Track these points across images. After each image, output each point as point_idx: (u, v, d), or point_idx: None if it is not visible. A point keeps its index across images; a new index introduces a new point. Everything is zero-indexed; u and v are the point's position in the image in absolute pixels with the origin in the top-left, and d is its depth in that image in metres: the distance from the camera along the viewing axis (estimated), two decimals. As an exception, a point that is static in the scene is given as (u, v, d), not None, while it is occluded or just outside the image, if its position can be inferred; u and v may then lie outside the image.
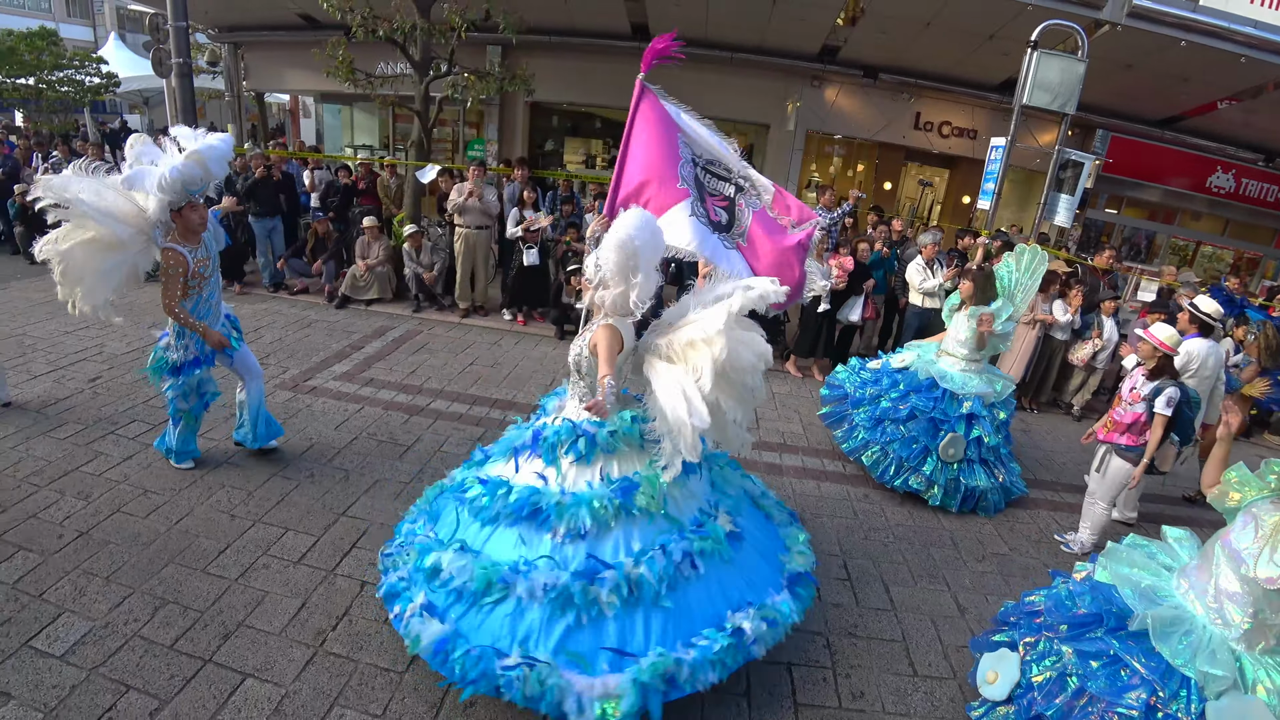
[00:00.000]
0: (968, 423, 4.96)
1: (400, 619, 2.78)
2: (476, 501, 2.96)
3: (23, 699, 2.67)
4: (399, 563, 3.04)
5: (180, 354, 4.12)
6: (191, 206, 3.87)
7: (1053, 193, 8.65)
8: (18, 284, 7.99)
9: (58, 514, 3.78)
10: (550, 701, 2.48)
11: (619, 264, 2.79)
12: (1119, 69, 10.18)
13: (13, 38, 17.40)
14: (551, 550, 2.74)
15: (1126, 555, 2.75)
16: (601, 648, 2.60)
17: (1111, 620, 2.53)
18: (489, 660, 2.54)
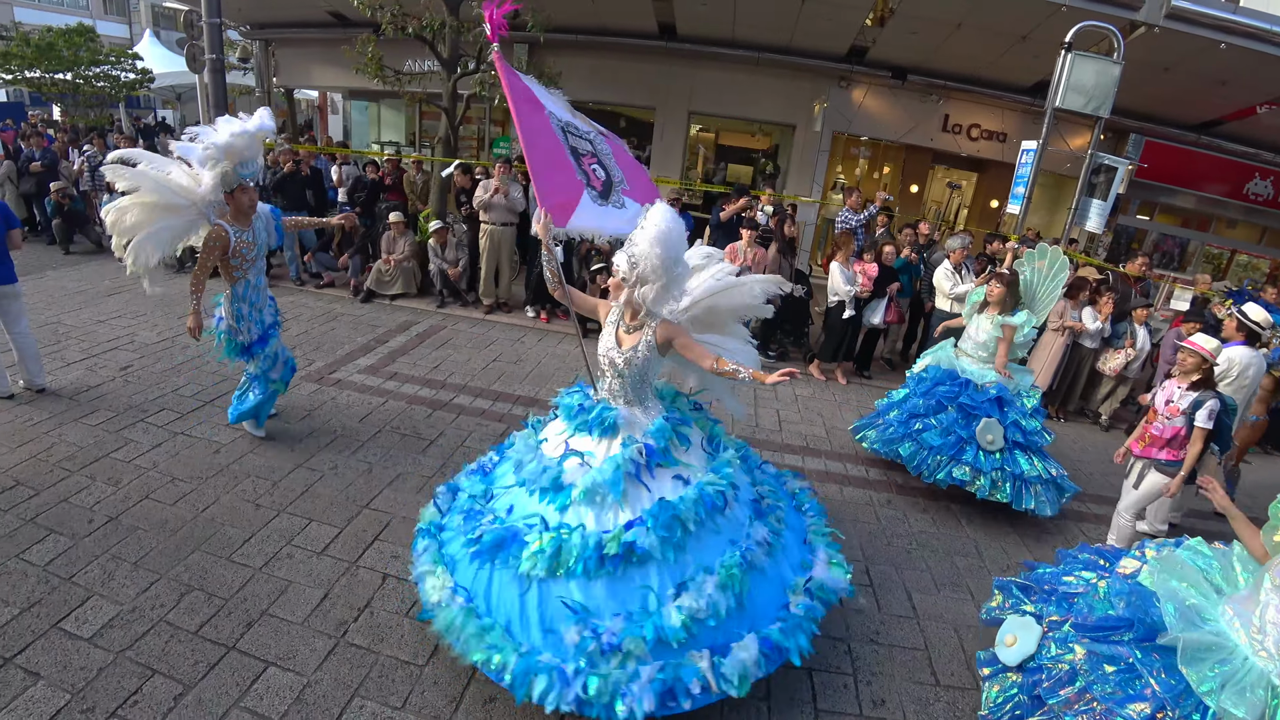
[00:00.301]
0: (999, 407, 4.86)
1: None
2: (667, 541, 2.78)
3: (51, 679, 2.72)
4: (624, 663, 2.60)
5: (245, 335, 4.40)
6: (243, 189, 4.18)
7: (1084, 198, 8.48)
8: (54, 274, 8.17)
9: (88, 499, 3.85)
10: (832, 592, 3.06)
11: (663, 259, 2.77)
12: (1155, 72, 9.96)
13: (52, 34, 17.80)
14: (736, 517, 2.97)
15: (1179, 567, 2.61)
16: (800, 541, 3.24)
17: (1141, 630, 2.45)
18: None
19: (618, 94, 13.26)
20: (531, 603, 2.69)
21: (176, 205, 4.12)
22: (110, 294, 7.49)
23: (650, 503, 2.80)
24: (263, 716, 2.67)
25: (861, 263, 7.16)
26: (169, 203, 4.10)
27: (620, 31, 12.12)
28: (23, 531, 3.53)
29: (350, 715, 2.71)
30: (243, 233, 4.23)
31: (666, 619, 2.61)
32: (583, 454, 2.96)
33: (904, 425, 5.10)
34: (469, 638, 2.69)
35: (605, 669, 2.54)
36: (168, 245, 4.19)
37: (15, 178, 9.68)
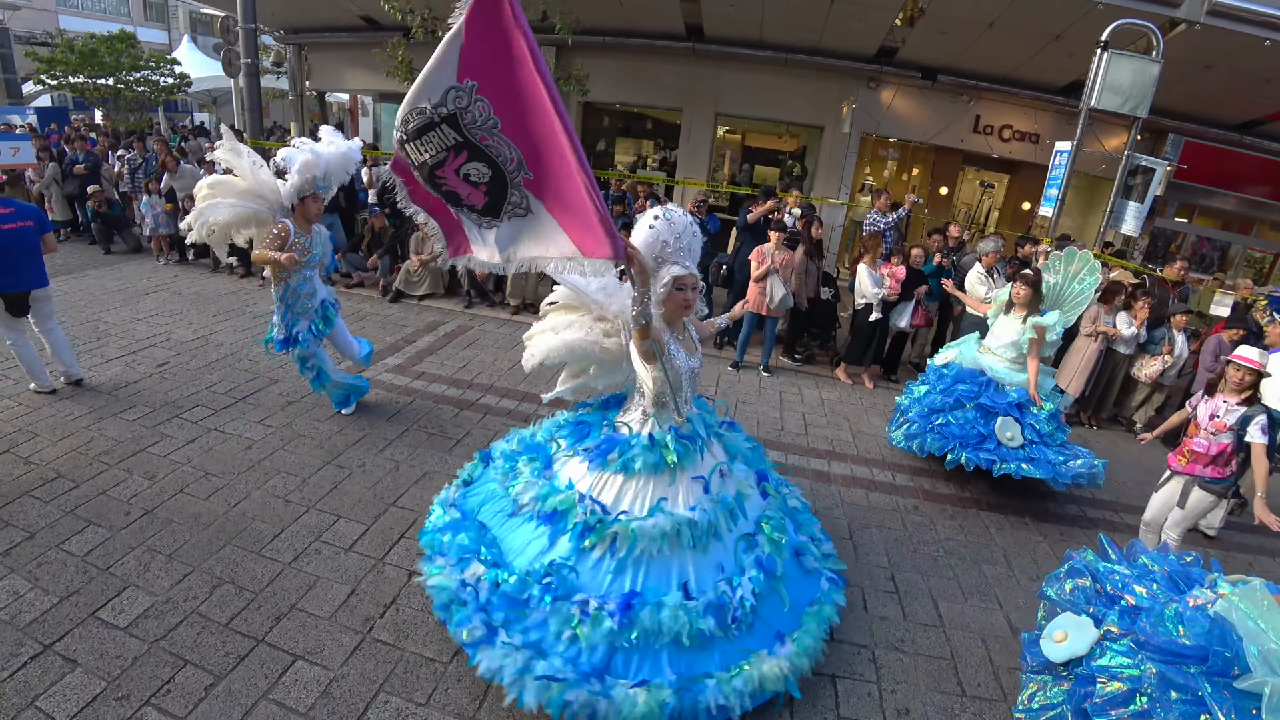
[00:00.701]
0: (1018, 411, 4.90)
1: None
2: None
3: (88, 667, 2.80)
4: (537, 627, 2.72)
5: (279, 331, 4.75)
6: (314, 198, 4.56)
7: (1120, 200, 8.29)
8: (94, 273, 8.41)
9: (125, 492, 3.95)
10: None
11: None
12: (1196, 70, 9.69)
13: (95, 41, 18.35)
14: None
15: (1265, 607, 2.35)
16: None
17: (1219, 663, 2.26)
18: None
19: (645, 95, 13.28)
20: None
21: (251, 191, 4.52)
22: (148, 293, 7.69)
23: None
24: (290, 709, 2.71)
25: (889, 265, 7.08)
26: (251, 189, 4.51)
27: (648, 33, 12.13)
28: (63, 523, 3.64)
29: (375, 710, 2.75)
30: (302, 237, 4.55)
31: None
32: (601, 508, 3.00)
33: (925, 420, 5.15)
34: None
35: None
36: (237, 221, 4.53)
37: (60, 180, 9.99)
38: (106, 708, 2.63)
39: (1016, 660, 3.44)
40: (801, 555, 3.28)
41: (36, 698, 2.64)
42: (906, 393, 5.62)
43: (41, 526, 3.60)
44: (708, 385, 6.60)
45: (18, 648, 2.85)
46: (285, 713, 2.70)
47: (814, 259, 7.51)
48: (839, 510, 4.67)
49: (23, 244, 4.77)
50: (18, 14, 21.44)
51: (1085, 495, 5.44)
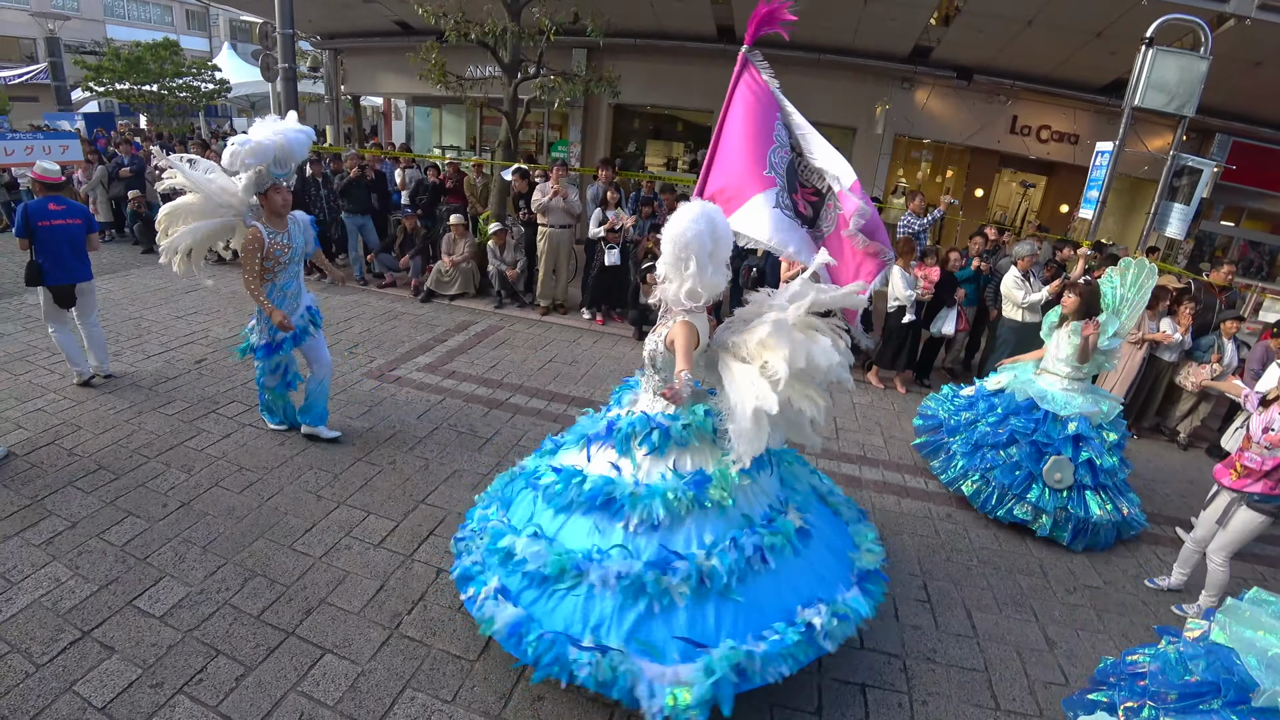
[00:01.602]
0: (1074, 445, 4.57)
1: (474, 601, 2.85)
2: (550, 489, 3.00)
3: (124, 654, 2.86)
4: (472, 547, 3.11)
5: (258, 337, 4.48)
6: (275, 189, 4.23)
7: (1165, 202, 8.04)
8: (137, 272, 8.65)
9: (163, 484, 4.04)
10: (622, 687, 2.52)
11: (672, 257, 2.76)
12: (1245, 67, 9.37)
13: (140, 48, 18.96)
14: (624, 540, 2.76)
15: (1251, 615, 2.33)
16: (674, 637, 2.61)
17: (1231, 692, 2.17)
18: (562, 645, 2.59)
19: (675, 97, 13.27)
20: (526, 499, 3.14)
21: (214, 204, 4.29)
22: (187, 291, 7.88)
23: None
24: (319, 702, 2.74)
25: (923, 266, 6.94)
26: (208, 204, 4.29)
27: (679, 35, 12.13)
28: (104, 513, 3.74)
29: (402, 705, 2.76)
30: (277, 234, 4.27)
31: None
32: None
33: (968, 457, 4.86)
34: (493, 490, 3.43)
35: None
36: (201, 242, 4.41)
37: (106, 183, 10.30)
38: (141, 694, 2.68)
39: (1053, 675, 3.34)
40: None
41: (74, 682, 2.70)
42: (938, 402, 5.46)
43: (83, 516, 3.69)
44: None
45: (58, 633, 2.92)
46: (314, 705, 2.72)
47: (845, 261, 7.40)
48: (871, 517, 4.56)
49: (71, 240, 5.05)
50: (67, 24, 22.22)
51: (1126, 505, 5.27)
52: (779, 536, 2.89)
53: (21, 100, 24.90)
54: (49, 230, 4.96)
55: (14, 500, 3.78)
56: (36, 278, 4.96)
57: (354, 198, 8.83)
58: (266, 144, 4.07)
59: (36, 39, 25.74)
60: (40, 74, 21.69)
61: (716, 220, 2.81)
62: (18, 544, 3.44)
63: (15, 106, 24.22)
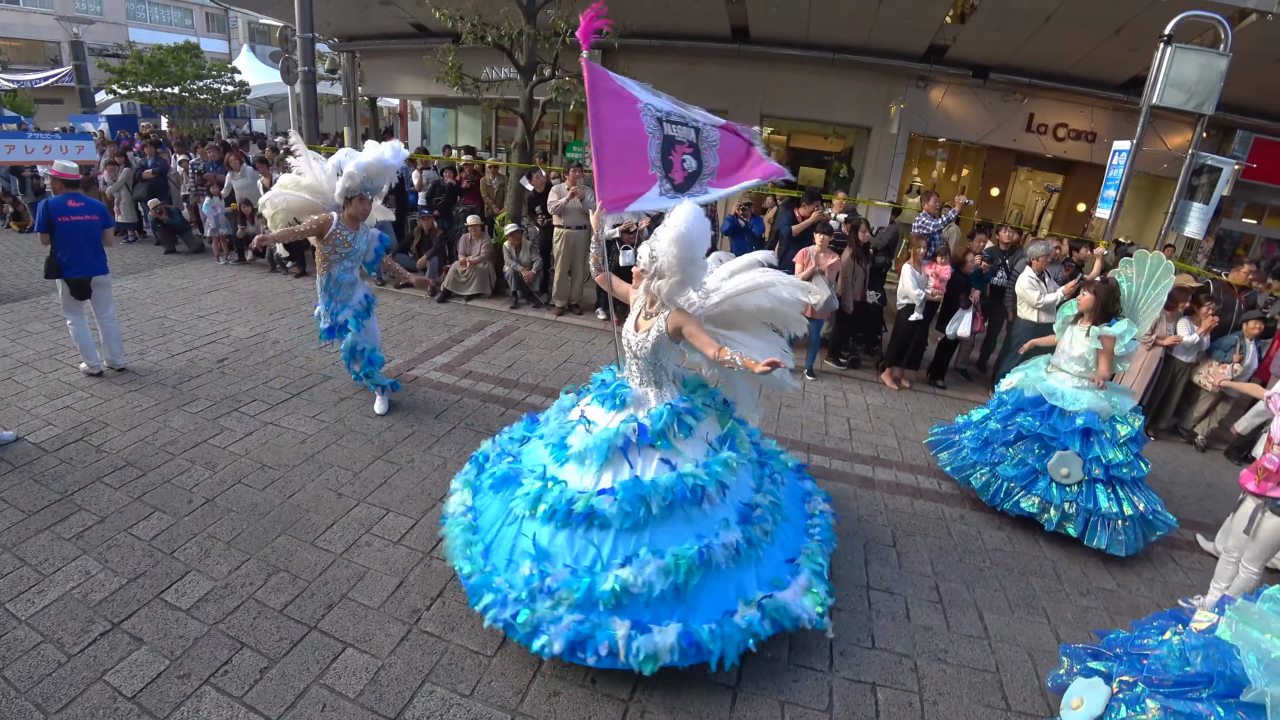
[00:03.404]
0: (1083, 439, 4.50)
1: (614, 655, 2.77)
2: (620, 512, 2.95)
3: (153, 645, 2.95)
4: (548, 613, 2.84)
5: (325, 321, 5.11)
6: (360, 199, 4.90)
7: (1184, 201, 7.95)
8: (160, 272, 8.82)
9: (188, 481, 4.15)
10: (788, 618, 3.00)
11: (679, 257, 2.98)
12: (1267, 63, 9.23)
13: (162, 51, 19.25)
14: (717, 514, 3.09)
15: (1261, 618, 2.33)
16: (778, 563, 3.21)
17: (1221, 685, 2.22)
18: (729, 624, 2.90)
19: (690, 97, 13.01)
20: (508, 534, 3.12)
21: (318, 191, 5.09)
22: (209, 291, 8.02)
23: (628, 477, 3.05)
24: (340, 694, 2.81)
25: (934, 264, 6.92)
26: (315, 187, 5.10)
27: (693, 35, 12.15)
28: (131, 508, 3.84)
29: (421, 699, 2.83)
30: (346, 232, 4.91)
31: (601, 582, 2.84)
32: (590, 421, 3.29)
33: (977, 452, 4.86)
34: (457, 546, 3.21)
35: (537, 606, 2.85)
36: (295, 210, 5.13)
37: (131, 184, 10.49)
38: (169, 684, 2.77)
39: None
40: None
41: (105, 672, 2.79)
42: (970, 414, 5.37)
43: (111, 511, 3.80)
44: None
45: (89, 624, 3.02)
46: (335, 698, 2.79)
47: (861, 262, 7.41)
48: (883, 517, 4.60)
49: (89, 234, 5.35)
50: (91, 28, 22.60)
51: (1142, 507, 5.25)
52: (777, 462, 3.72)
53: (47, 103, 25.38)
54: (69, 226, 5.24)
55: (45, 495, 3.90)
56: (55, 270, 5.26)
57: (372, 199, 8.95)
58: (372, 163, 4.87)
59: (61, 42, 26.22)
60: (65, 77, 22.11)
61: (705, 220, 3.09)
62: (49, 538, 3.55)
63: (40, 109, 24.70)
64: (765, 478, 3.50)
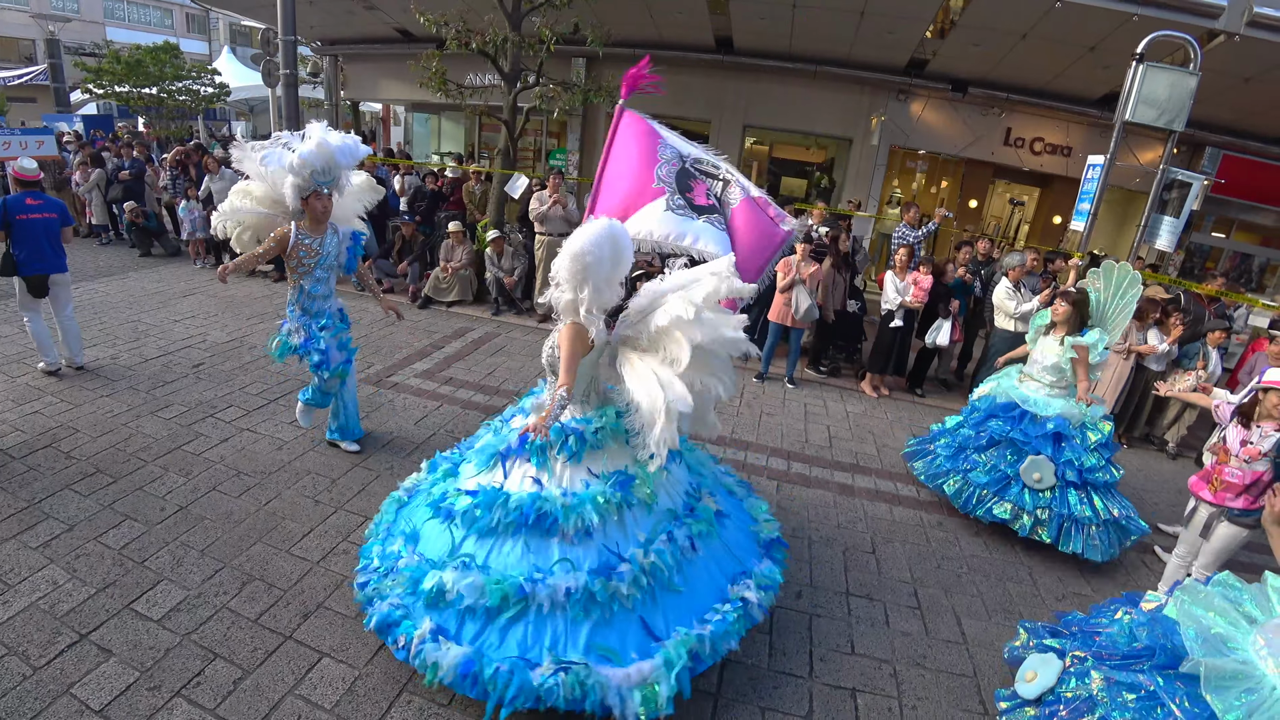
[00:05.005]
0: (1054, 444, 4.56)
1: (406, 649, 2.70)
2: (470, 514, 2.87)
3: (122, 657, 2.88)
4: (385, 590, 2.92)
5: (299, 337, 4.47)
6: (316, 195, 4.26)
7: (1155, 214, 8.13)
8: (135, 275, 8.67)
9: (161, 488, 4.07)
10: (594, 700, 2.55)
11: (571, 272, 2.76)
12: (1235, 82, 9.50)
13: (140, 51, 18.99)
14: (562, 553, 2.76)
15: (1206, 597, 2.48)
16: (630, 635, 2.71)
17: (1162, 657, 2.34)
18: (522, 673, 2.55)
19: (674, 107, 13.33)
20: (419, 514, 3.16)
21: (272, 200, 4.47)
22: (185, 295, 7.91)
23: (499, 483, 2.97)
24: (316, 705, 2.76)
25: (916, 273, 7.01)
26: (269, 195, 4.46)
27: (678, 45, 12.23)
28: (101, 516, 3.76)
29: (398, 709, 2.79)
30: (310, 239, 4.32)
31: (426, 577, 2.82)
32: (501, 425, 3.26)
33: (951, 459, 4.92)
34: (384, 522, 3.33)
35: (383, 581, 2.97)
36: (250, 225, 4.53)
37: (104, 185, 10.32)
38: (139, 697, 2.71)
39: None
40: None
41: (72, 685, 2.72)
42: (945, 421, 5.43)
43: (80, 519, 3.72)
44: (732, 397, 6.58)
45: (55, 636, 2.95)
46: (311, 708, 2.75)
47: (841, 271, 7.48)
48: (862, 524, 4.63)
49: (47, 232, 5.34)
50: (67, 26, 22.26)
51: (1116, 515, 5.34)
52: (703, 523, 3.07)
53: (20, 101, 24.88)
54: (27, 224, 5.21)
55: (11, 503, 3.80)
56: (11, 268, 5.25)
57: (353, 204, 8.87)
58: (313, 154, 4.17)
59: (36, 40, 25.78)
60: (39, 75, 21.70)
61: (621, 241, 2.84)
62: (15, 547, 3.46)
63: (13, 107, 24.22)
64: (667, 534, 2.92)
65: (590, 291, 2.79)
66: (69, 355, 5.55)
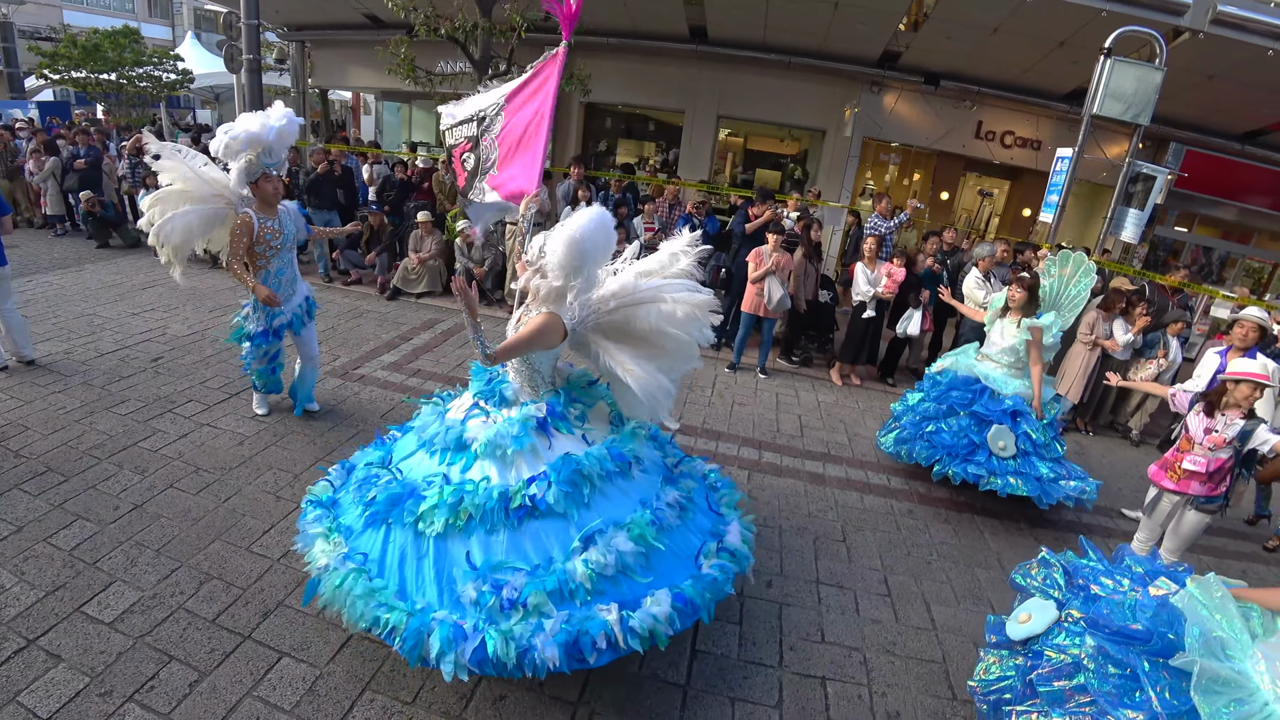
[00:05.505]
0: (1012, 419, 4.79)
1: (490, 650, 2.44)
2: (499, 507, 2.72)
3: (72, 662, 2.78)
4: (527, 616, 2.54)
5: (255, 324, 4.55)
6: (266, 178, 4.28)
7: (1120, 207, 8.28)
8: (91, 268, 8.40)
9: (115, 486, 3.93)
10: (744, 557, 2.96)
11: (565, 260, 2.71)
12: (1199, 79, 9.68)
13: (98, 36, 18.36)
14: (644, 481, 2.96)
15: (1220, 600, 2.41)
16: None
17: (1158, 644, 2.33)
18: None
19: (648, 97, 13.28)
20: (428, 560, 2.65)
21: (205, 194, 4.39)
22: (144, 288, 7.67)
23: (555, 458, 2.80)
24: (275, 706, 2.69)
25: (889, 264, 7.05)
26: (199, 191, 4.38)
27: (651, 35, 12.13)
28: (51, 516, 3.62)
29: (361, 708, 2.73)
30: (268, 220, 4.36)
31: (572, 573, 2.57)
32: (488, 411, 3.01)
33: (916, 427, 5.09)
34: (356, 599, 2.59)
35: (506, 625, 2.47)
36: (196, 230, 4.42)
37: (60, 174, 9.97)
38: (89, 704, 2.61)
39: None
40: None
41: (19, 693, 2.61)
42: (902, 401, 5.59)
43: (29, 520, 3.57)
44: (704, 387, 6.58)
45: (1, 642, 2.83)
46: (270, 710, 2.67)
47: (813, 261, 7.49)
48: (833, 513, 4.64)
49: None
50: (22, 8, 21.46)
51: (1081, 502, 5.43)
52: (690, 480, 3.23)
53: (-29, 87, 23.97)
54: None
55: (-44, 503, 3.65)
56: None
57: (320, 194, 8.68)
58: (255, 134, 4.14)
59: (-12, 24, 24.82)
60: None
61: (611, 228, 2.85)
62: (-41, 548, 3.33)
63: (-36, 94, 23.32)
64: (665, 445, 3.44)
65: (583, 281, 2.80)
66: (16, 349, 5.32)
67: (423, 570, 2.65)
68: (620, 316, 2.95)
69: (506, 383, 3.07)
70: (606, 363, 2.93)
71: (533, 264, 2.85)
